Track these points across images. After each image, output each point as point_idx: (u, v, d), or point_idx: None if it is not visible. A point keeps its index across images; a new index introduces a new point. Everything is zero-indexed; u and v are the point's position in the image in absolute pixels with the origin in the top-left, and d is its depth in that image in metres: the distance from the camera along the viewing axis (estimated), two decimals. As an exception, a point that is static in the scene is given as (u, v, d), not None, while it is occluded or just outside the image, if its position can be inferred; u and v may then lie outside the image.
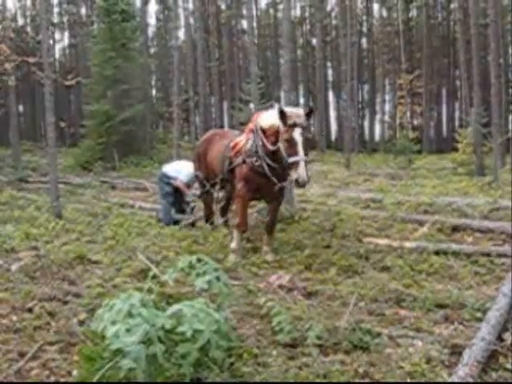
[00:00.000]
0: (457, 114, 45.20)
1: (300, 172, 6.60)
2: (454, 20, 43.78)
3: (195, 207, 10.45)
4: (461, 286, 6.02)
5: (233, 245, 7.75)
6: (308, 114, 6.95)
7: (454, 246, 7.55)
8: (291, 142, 6.74)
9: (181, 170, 10.59)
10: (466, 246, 7.63)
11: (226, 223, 9.30)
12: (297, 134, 6.74)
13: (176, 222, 10.22)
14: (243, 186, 7.69)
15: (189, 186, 10.57)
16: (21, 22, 52.15)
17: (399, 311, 5.15)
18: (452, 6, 44.54)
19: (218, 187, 8.86)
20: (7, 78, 19.06)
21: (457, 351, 4.11)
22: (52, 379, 3.83)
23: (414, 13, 46.92)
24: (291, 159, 6.71)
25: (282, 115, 6.82)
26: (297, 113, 6.96)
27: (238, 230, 7.83)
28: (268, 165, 7.30)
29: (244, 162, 7.62)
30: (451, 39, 45.09)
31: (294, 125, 6.76)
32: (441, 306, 5.21)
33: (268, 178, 7.37)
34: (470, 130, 20.26)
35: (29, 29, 50.33)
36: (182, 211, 10.74)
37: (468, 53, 24.74)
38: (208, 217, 9.57)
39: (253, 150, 7.49)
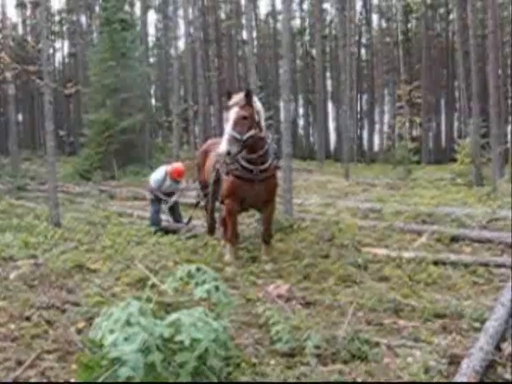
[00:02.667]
0: (455, 124, 45.37)
1: (220, 145, 6.90)
2: (452, 31, 43.97)
3: (192, 217, 10.44)
4: (459, 296, 6.00)
5: (226, 257, 7.77)
6: (246, 95, 7.07)
7: (453, 257, 7.54)
8: (227, 120, 7.11)
9: (153, 175, 11.14)
10: (465, 256, 7.62)
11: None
12: (231, 112, 7.03)
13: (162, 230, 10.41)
14: (229, 198, 7.68)
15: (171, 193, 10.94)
16: (21, 30, 52.39)
17: (397, 321, 5.14)
18: (451, 16, 44.75)
19: (210, 197, 8.81)
20: (7, 87, 19.06)
21: (455, 361, 4.09)
22: (50, 388, 3.82)
23: (413, 24, 47.13)
24: None
25: (228, 97, 7.31)
26: (240, 94, 7.22)
27: (229, 243, 7.86)
28: (242, 166, 7.34)
29: (227, 173, 7.59)
30: (450, 50, 45.30)
31: (232, 105, 7.10)
32: (439, 316, 5.19)
33: (251, 183, 7.39)
34: (469, 140, 20.30)
35: (29, 38, 50.46)
36: (176, 221, 10.84)
37: (467, 64, 24.79)
38: (210, 226, 9.53)
39: None
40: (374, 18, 51.97)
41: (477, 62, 20.38)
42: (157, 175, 10.94)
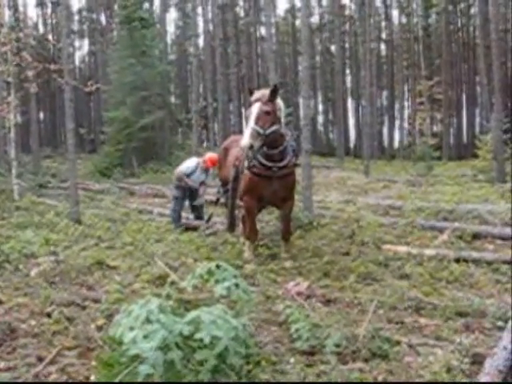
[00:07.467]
0: (477, 120, 44.84)
1: (243, 138, 6.84)
2: (473, 25, 43.55)
3: (212, 215, 10.44)
4: (482, 294, 5.94)
5: (245, 255, 7.76)
6: (273, 90, 7.04)
7: (475, 254, 7.46)
8: (249, 115, 7.01)
9: (182, 165, 11.10)
10: (487, 254, 7.53)
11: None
12: (254, 107, 6.97)
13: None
14: (247, 195, 7.66)
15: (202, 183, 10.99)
16: (42, 29, 52.88)
17: (419, 319, 5.09)
18: (472, 11, 44.30)
19: (230, 194, 8.77)
20: (29, 85, 19.23)
21: (478, 360, 4.04)
22: (70, 384, 3.83)
23: (433, 19, 46.67)
24: None
25: (250, 93, 7.28)
26: (262, 91, 7.21)
27: (248, 241, 7.84)
28: (260, 163, 7.31)
29: (249, 168, 7.53)
30: (471, 45, 44.85)
31: (255, 100, 7.04)
32: (461, 315, 5.14)
33: (270, 180, 7.36)
34: (491, 136, 20.06)
35: (50, 36, 50.89)
36: (198, 218, 10.85)
37: (488, 58, 24.49)
38: (230, 223, 9.48)
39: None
40: (394, 13, 51.73)
41: (499, 57, 20.10)
42: (190, 163, 10.97)
